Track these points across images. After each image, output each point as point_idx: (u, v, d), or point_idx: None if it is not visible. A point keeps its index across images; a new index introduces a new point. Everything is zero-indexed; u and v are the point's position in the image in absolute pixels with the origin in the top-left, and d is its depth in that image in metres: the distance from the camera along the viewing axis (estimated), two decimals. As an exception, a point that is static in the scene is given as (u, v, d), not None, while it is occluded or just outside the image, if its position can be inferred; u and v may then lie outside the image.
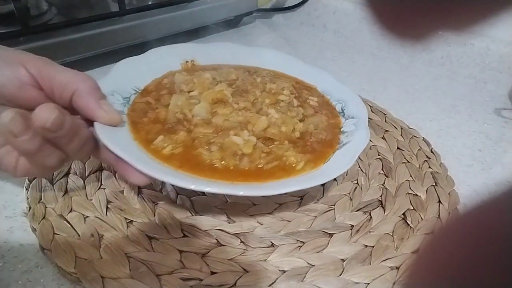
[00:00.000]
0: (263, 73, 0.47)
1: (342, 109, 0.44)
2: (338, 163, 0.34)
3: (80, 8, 0.63)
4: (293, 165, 0.34)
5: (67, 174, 0.36)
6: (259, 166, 0.34)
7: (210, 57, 0.48)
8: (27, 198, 0.33)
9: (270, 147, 0.35)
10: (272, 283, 0.28)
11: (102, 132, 0.29)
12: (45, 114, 0.25)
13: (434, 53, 0.68)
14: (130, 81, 0.40)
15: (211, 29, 0.76)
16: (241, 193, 0.29)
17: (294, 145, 0.36)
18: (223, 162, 0.33)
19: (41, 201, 0.33)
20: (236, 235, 0.32)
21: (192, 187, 0.28)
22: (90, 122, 0.30)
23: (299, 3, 0.81)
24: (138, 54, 0.44)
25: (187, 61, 0.47)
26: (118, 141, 0.30)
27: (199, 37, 0.71)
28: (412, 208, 0.37)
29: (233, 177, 0.32)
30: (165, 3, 0.62)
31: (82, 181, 0.35)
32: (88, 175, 0.36)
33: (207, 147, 0.34)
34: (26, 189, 0.34)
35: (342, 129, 0.40)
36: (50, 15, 0.56)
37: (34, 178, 0.35)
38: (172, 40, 0.66)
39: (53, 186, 0.34)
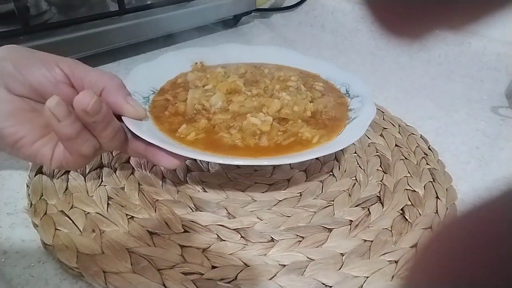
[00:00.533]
0: (269, 66, 0.49)
1: (347, 91, 0.46)
2: (351, 133, 0.36)
3: (79, 8, 0.63)
4: (309, 140, 0.36)
5: (67, 171, 0.36)
6: (278, 142, 0.36)
7: (216, 58, 0.50)
8: (29, 195, 0.33)
9: (285, 126, 0.38)
10: (273, 277, 0.29)
11: (132, 125, 0.32)
12: (87, 99, 0.27)
13: (432, 52, 0.69)
14: (147, 83, 0.42)
15: (210, 28, 0.76)
16: (265, 163, 0.33)
17: (307, 123, 0.38)
18: (244, 142, 0.35)
19: (42, 197, 0.33)
20: (236, 230, 0.32)
21: (220, 161, 0.32)
22: (117, 118, 0.32)
23: (297, 3, 0.82)
24: (137, 54, 0.46)
25: (196, 63, 0.48)
26: (147, 131, 0.33)
27: (199, 37, 0.72)
28: (410, 203, 0.37)
29: (255, 154, 0.34)
30: (164, 3, 0.62)
31: (82, 178, 0.36)
32: (88, 172, 0.36)
33: (227, 130, 0.36)
34: (27, 186, 0.35)
35: (349, 107, 0.43)
36: (49, 14, 0.57)
37: (36, 175, 0.35)
38: (171, 39, 0.67)
39: (53, 183, 0.35)
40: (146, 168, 0.38)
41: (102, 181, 0.36)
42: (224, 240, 0.31)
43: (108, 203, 0.33)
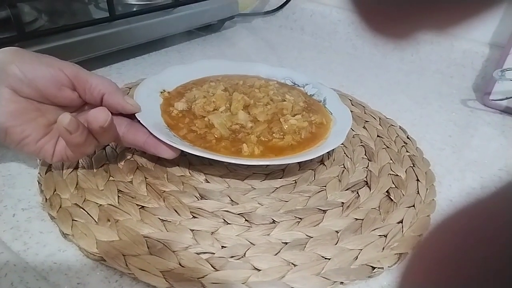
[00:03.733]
0: (233, 77, 0.53)
1: (293, 82, 0.55)
2: (340, 126, 0.45)
3: (67, 15, 0.65)
4: (324, 123, 0.46)
5: (76, 168, 0.38)
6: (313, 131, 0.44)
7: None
8: (42, 191, 0.35)
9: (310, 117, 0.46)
10: (277, 253, 0.32)
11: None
12: (104, 117, 0.32)
13: (404, 51, 0.74)
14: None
15: (194, 33, 0.79)
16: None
17: (306, 111, 0.47)
18: (292, 139, 0.42)
19: (55, 192, 0.35)
20: (240, 214, 0.35)
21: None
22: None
23: (277, 7, 0.86)
24: (127, 58, 0.58)
25: (162, 91, 0.48)
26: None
27: (184, 41, 0.74)
28: (394, 186, 0.41)
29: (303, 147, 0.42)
30: (152, 9, 0.65)
31: (91, 174, 0.38)
32: (96, 169, 0.38)
33: (278, 135, 0.43)
34: (39, 182, 0.36)
35: (309, 94, 0.53)
36: (41, 22, 0.58)
37: (46, 172, 0.37)
38: (159, 44, 0.69)
39: (64, 179, 0.37)
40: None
41: (110, 176, 0.38)
42: (230, 224, 0.34)
43: (118, 196, 0.36)
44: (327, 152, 0.45)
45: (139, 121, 0.38)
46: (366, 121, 0.53)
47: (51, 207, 0.33)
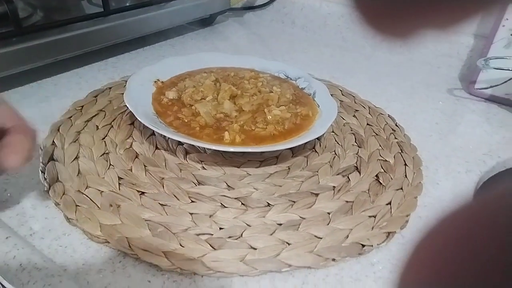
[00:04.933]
0: (227, 69, 0.55)
1: (286, 76, 0.57)
2: (326, 114, 0.47)
3: (62, 11, 0.65)
4: (309, 115, 0.47)
5: (77, 158, 0.40)
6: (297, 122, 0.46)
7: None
8: (45, 179, 0.37)
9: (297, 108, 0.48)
10: (272, 233, 0.34)
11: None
12: (16, 162, 0.29)
13: (393, 43, 0.76)
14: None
15: (187, 28, 0.80)
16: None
17: (293, 104, 0.49)
18: (274, 128, 0.44)
19: (58, 180, 0.36)
20: (237, 199, 0.37)
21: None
22: None
23: (269, 1, 0.87)
24: (122, 53, 0.61)
25: (156, 80, 0.50)
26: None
27: (177, 35, 0.76)
28: (383, 170, 0.43)
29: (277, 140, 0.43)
30: (146, 3, 0.66)
31: (92, 163, 0.39)
32: (97, 158, 0.40)
33: (261, 125, 0.44)
34: (41, 172, 0.38)
35: (300, 87, 0.54)
36: (36, 17, 0.59)
37: (48, 162, 0.38)
38: (153, 38, 0.71)
39: (66, 168, 0.38)
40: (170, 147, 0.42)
41: (110, 164, 0.39)
42: (227, 207, 0.36)
43: (119, 183, 0.37)
44: (318, 140, 0.47)
45: None
46: (356, 110, 0.54)
47: (55, 194, 0.35)
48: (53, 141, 0.41)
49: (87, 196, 0.35)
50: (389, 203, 0.38)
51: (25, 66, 0.52)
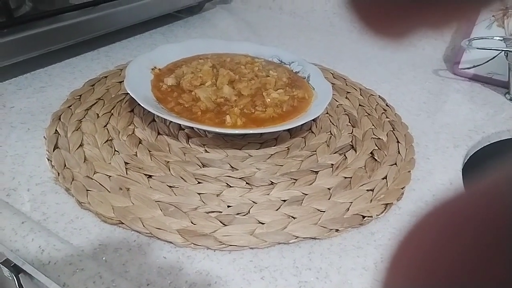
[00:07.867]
0: (223, 56, 0.56)
1: (280, 60, 0.58)
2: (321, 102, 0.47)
3: (50, 2, 0.65)
4: (305, 97, 0.49)
5: (81, 145, 0.40)
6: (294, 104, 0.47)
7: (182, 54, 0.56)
8: (53, 166, 0.37)
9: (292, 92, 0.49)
10: (278, 209, 0.35)
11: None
12: None
13: (389, 43, 0.77)
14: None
15: (175, 16, 0.80)
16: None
17: (289, 87, 0.50)
18: (273, 111, 0.45)
19: (66, 167, 0.37)
20: (241, 178, 0.38)
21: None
22: None
23: (255, -12, 0.88)
24: (113, 42, 0.62)
25: (153, 68, 0.51)
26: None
27: (167, 23, 0.76)
28: (377, 148, 0.45)
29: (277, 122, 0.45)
30: (136, -8, 0.66)
31: (97, 150, 0.40)
32: (101, 144, 0.41)
33: (260, 108, 0.45)
34: (48, 159, 0.38)
35: (294, 71, 0.55)
36: (25, 8, 0.58)
37: (54, 149, 0.39)
38: (143, 26, 0.71)
39: (72, 155, 0.39)
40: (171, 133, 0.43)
41: (115, 150, 0.40)
42: (232, 187, 0.37)
43: (126, 168, 0.38)
44: (314, 121, 0.49)
45: None
46: (348, 92, 0.56)
47: (64, 180, 0.36)
48: (56, 129, 0.42)
49: (96, 181, 0.36)
50: (385, 178, 0.41)
51: (17, 57, 0.52)
